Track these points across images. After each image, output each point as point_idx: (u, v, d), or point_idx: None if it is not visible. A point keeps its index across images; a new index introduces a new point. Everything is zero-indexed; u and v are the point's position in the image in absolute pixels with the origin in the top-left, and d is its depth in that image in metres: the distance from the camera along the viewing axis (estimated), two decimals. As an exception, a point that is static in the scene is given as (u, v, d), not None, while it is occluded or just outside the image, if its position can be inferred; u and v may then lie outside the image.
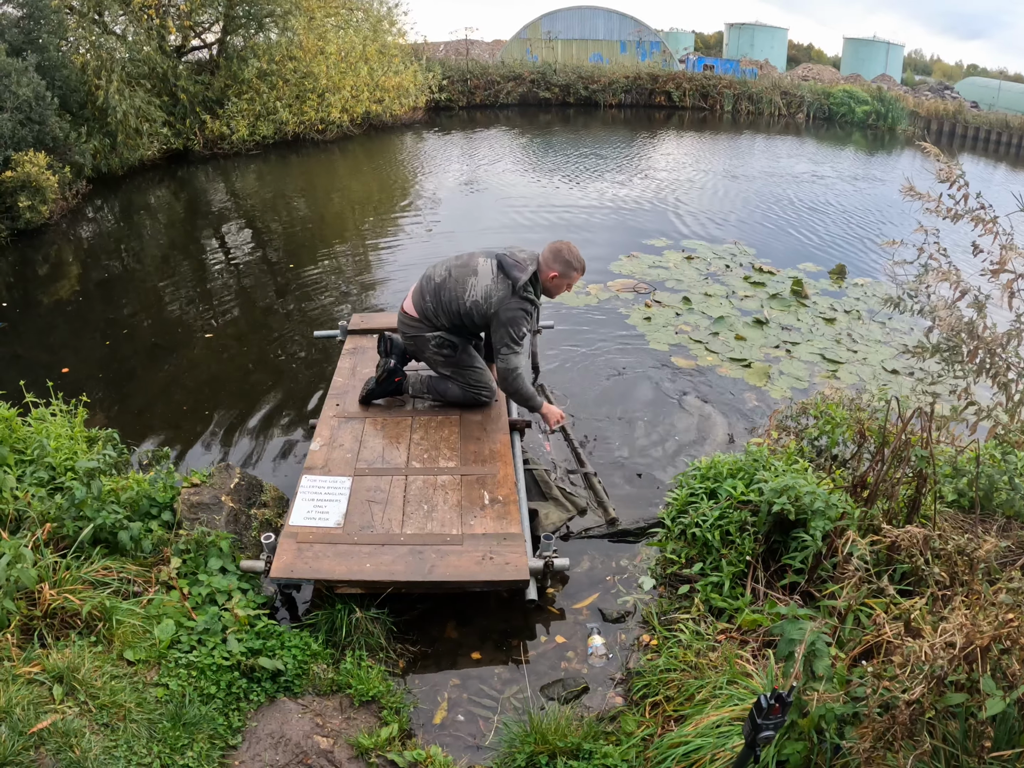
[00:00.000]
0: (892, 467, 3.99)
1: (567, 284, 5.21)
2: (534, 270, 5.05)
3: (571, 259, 5.11)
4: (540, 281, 5.14)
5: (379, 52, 20.48)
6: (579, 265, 5.16)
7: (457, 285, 5.09)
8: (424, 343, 5.31)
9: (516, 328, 4.99)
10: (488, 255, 5.16)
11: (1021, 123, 25.33)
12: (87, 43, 14.48)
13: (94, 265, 10.54)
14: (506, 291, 5.00)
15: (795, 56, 43.89)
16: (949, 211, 3.76)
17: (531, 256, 5.13)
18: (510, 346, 5.02)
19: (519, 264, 5.03)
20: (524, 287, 4.99)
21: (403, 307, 5.39)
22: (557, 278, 5.13)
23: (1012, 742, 2.56)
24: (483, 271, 5.08)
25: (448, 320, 5.19)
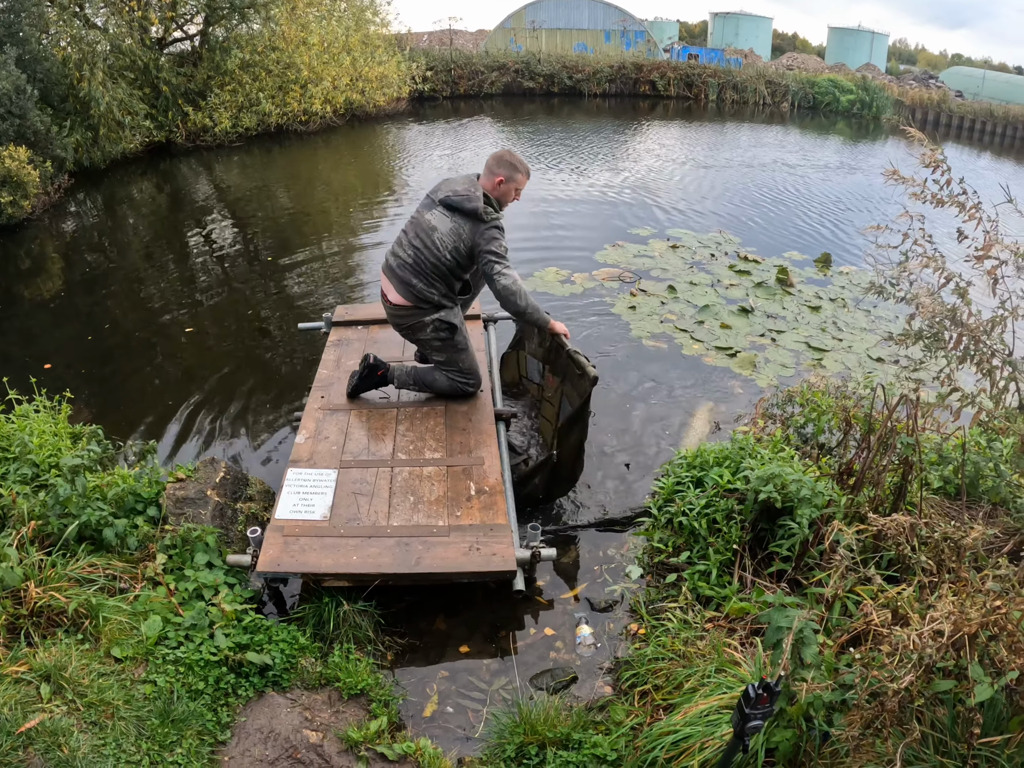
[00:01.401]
0: (878, 454, 3.99)
1: (515, 189, 5.15)
2: (482, 192, 5.02)
3: (514, 162, 5.09)
4: (491, 194, 5.08)
5: (362, 42, 20.37)
6: (523, 168, 5.13)
7: (429, 252, 5.05)
8: (421, 328, 5.25)
9: (498, 243, 4.97)
10: (430, 207, 5.14)
11: (1005, 112, 25.43)
12: (68, 36, 14.34)
13: (76, 259, 10.47)
14: (472, 223, 4.97)
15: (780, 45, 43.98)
16: (934, 196, 3.76)
17: (468, 181, 5.11)
18: (499, 263, 4.96)
19: (466, 196, 4.99)
20: (485, 211, 4.96)
21: (389, 301, 5.30)
22: (504, 183, 5.07)
23: (1000, 728, 2.57)
24: (439, 223, 5.05)
25: (444, 284, 5.15)
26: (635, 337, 7.90)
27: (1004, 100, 27.72)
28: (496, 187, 5.07)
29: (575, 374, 5.05)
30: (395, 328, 5.48)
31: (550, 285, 9.10)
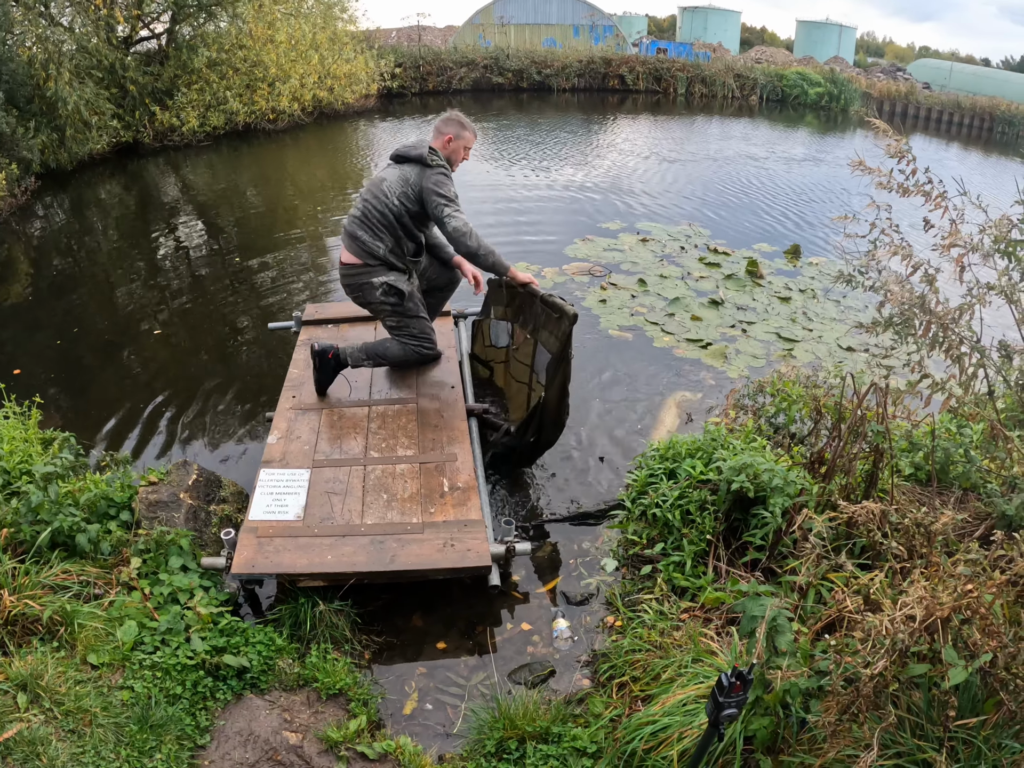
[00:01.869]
0: (849, 443, 4.03)
1: (463, 147, 5.29)
2: (429, 144, 5.15)
3: (462, 120, 5.25)
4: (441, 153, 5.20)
5: (330, 40, 20.26)
6: (471, 127, 5.30)
7: (377, 201, 5.15)
8: (371, 291, 5.32)
9: (444, 188, 5.04)
10: (382, 169, 5.33)
11: (972, 103, 25.67)
12: (34, 35, 14.16)
13: (44, 263, 10.36)
14: (419, 169, 5.10)
15: (748, 39, 44.15)
16: (900, 186, 3.79)
17: (418, 141, 5.25)
18: (448, 206, 5.03)
19: (412, 147, 5.18)
20: (431, 157, 5.08)
21: (341, 262, 5.42)
22: (453, 140, 5.23)
23: (976, 710, 2.60)
24: (388, 174, 5.20)
25: (391, 235, 5.23)
26: (605, 330, 7.91)
27: (971, 92, 27.98)
28: (445, 145, 5.24)
29: (552, 318, 5.03)
30: (347, 292, 5.52)
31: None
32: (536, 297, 5.22)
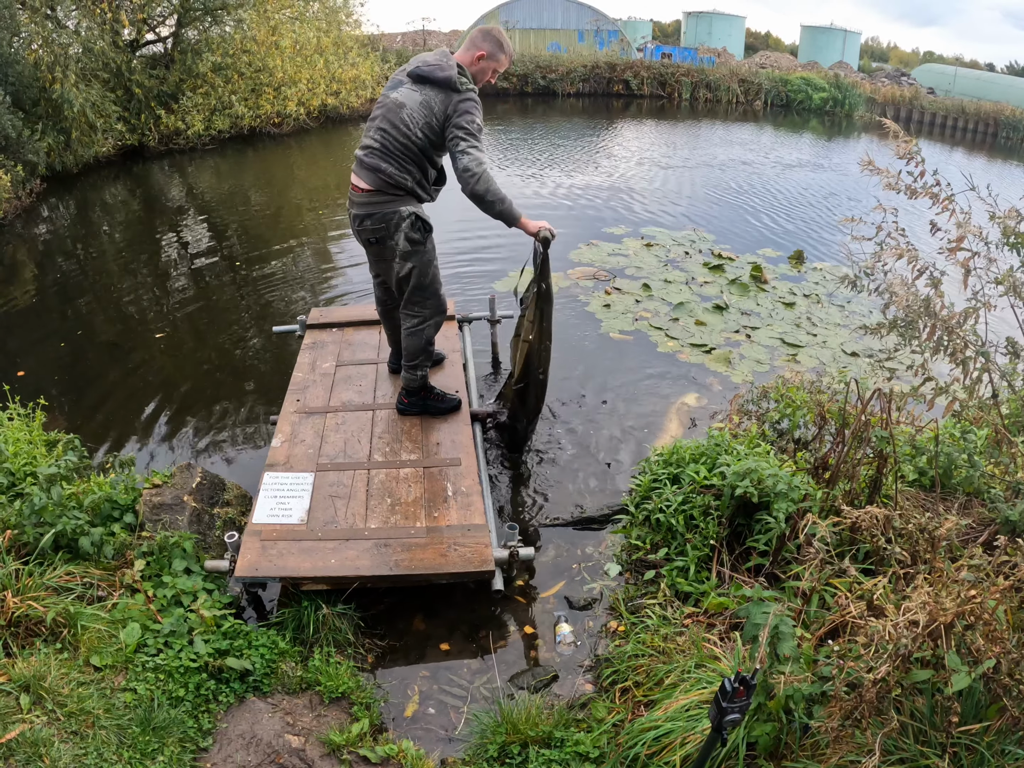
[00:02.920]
0: (853, 448, 4.02)
1: (493, 69, 4.71)
2: (456, 63, 4.53)
3: (502, 39, 4.67)
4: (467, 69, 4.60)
5: (335, 44, 20.32)
6: (509, 49, 4.73)
7: (398, 131, 4.55)
8: (396, 223, 4.70)
9: (469, 120, 4.44)
10: (397, 86, 4.66)
11: (976, 108, 25.65)
12: (40, 38, 14.21)
13: (49, 265, 10.38)
14: (445, 94, 4.47)
15: (753, 44, 44.14)
16: (908, 187, 3.79)
17: (440, 53, 4.63)
18: (467, 140, 4.43)
19: (437, 66, 4.50)
20: (459, 80, 4.47)
21: (358, 189, 4.76)
22: (485, 59, 4.63)
23: (979, 716, 2.60)
24: (407, 98, 4.55)
25: (418, 168, 4.67)
26: (609, 335, 7.91)
27: (975, 97, 27.95)
28: (475, 62, 4.64)
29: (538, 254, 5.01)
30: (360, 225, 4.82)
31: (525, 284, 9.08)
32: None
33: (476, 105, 4.50)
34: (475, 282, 9.14)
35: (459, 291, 8.75)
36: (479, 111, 4.51)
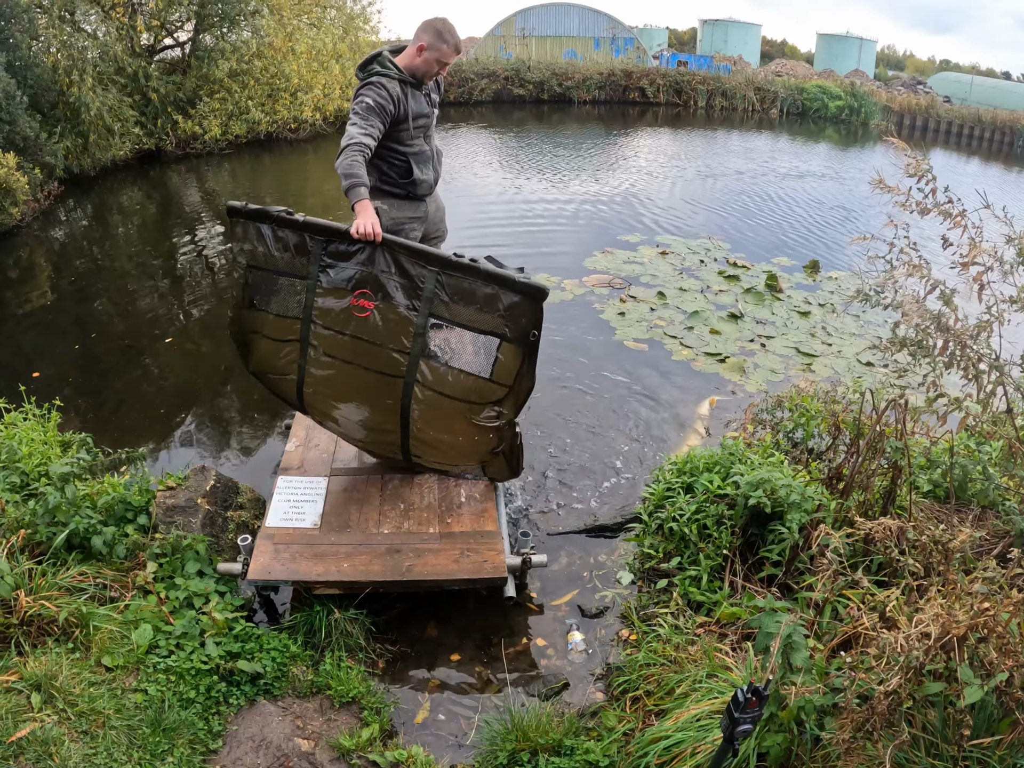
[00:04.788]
0: (867, 459, 4.01)
1: (437, 60, 4.54)
2: (375, 54, 4.57)
3: (442, 29, 4.51)
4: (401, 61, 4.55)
5: (351, 50, 20.38)
6: (451, 37, 4.55)
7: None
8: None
9: (358, 100, 4.42)
10: None
11: (993, 117, 25.54)
12: (58, 42, 14.31)
13: (66, 267, 10.44)
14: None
15: (768, 52, 44.05)
16: (919, 204, 3.78)
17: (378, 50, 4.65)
18: (351, 117, 4.40)
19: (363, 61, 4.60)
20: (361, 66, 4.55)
21: None
22: (425, 51, 4.50)
23: (991, 730, 2.58)
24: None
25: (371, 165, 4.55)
26: (623, 343, 7.91)
27: (992, 105, 27.85)
28: (417, 54, 4.54)
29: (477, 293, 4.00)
30: None
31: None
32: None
33: (371, 86, 4.41)
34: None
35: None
36: (372, 90, 4.40)
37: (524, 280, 3.89)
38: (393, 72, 4.50)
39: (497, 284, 3.91)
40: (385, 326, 4.09)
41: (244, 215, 4.28)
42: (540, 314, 3.93)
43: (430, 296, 4.01)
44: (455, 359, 4.16)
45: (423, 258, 4.00)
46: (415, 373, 4.12)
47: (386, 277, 4.05)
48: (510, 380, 4.07)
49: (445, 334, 4.23)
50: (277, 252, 4.23)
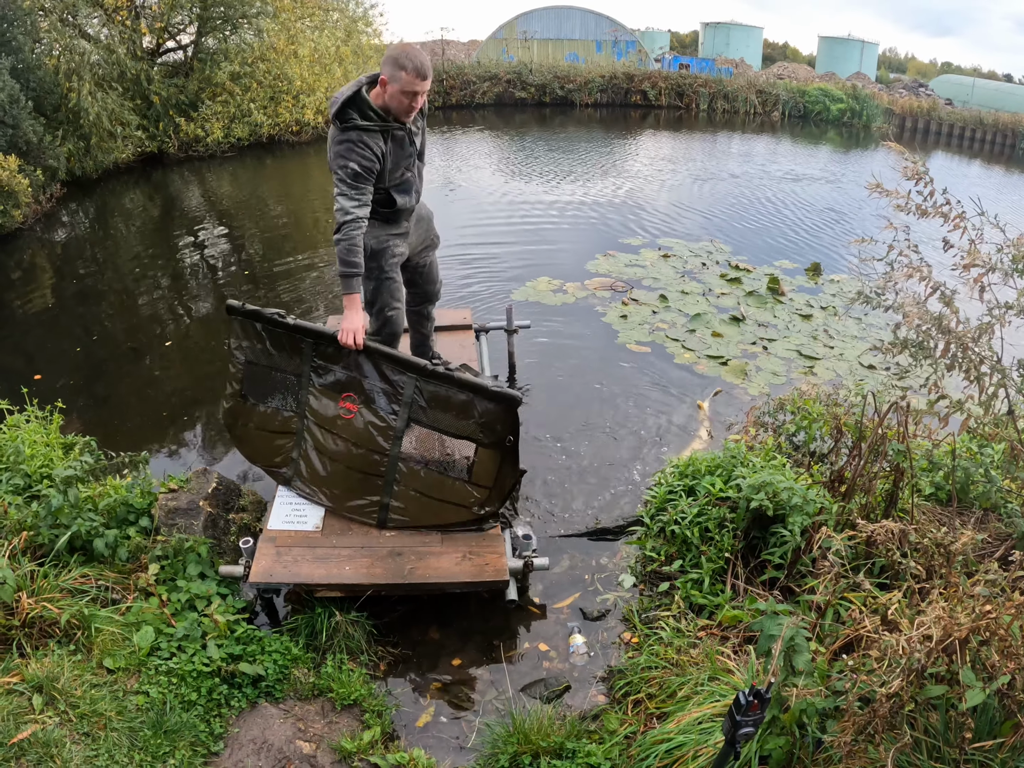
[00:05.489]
0: (869, 462, 4.01)
1: (403, 93, 4.11)
2: (350, 93, 4.15)
3: (396, 55, 4.07)
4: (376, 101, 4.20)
5: (354, 53, 20.40)
6: (408, 62, 4.04)
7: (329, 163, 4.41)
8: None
9: (342, 161, 4.16)
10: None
11: (995, 120, 25.52)
12: (60, 45, 14.35)
13: (68, 270, 10.46)
14: (333, 127, 4.24)
15: (770, 55, 44.04)
16: (918, 207, 3.78)
17: (355, 82, 4.26)
18: (338, 185, 4.20)
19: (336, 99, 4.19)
20: (338, 113, 4.14)
21: None
22: (387, 84, 4.11)
23: (993, 732, 2.58)
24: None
25: None
26: (626, 346, 7.91)
27: (994, 108, 27.81)
28: (383, 91, 4.16)
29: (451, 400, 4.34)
30: None
31: (542, 295, 9.11)
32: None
33: (352, 146, 4.16)
34: (491, 292, 9.15)
35: (475, 301, 8.78)
36: (356, 152, 4.16)
37: (497, 388, 4.21)
38: (373, 123, 4.19)
39: (472, 392, 4.26)
40: (367, 428, 4.46)
41: (241, 314, 4.49)
42: (515, 420, 4.23)
43: (409, 402, 4.38)
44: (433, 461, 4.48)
45: (403, 365, 4.36)
46: (394, 473, 4.44)
47: (369, 382, 4.44)
48: (490, 481, 4.37)
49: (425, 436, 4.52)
50: (274, 350, 4.52)
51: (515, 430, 4.25)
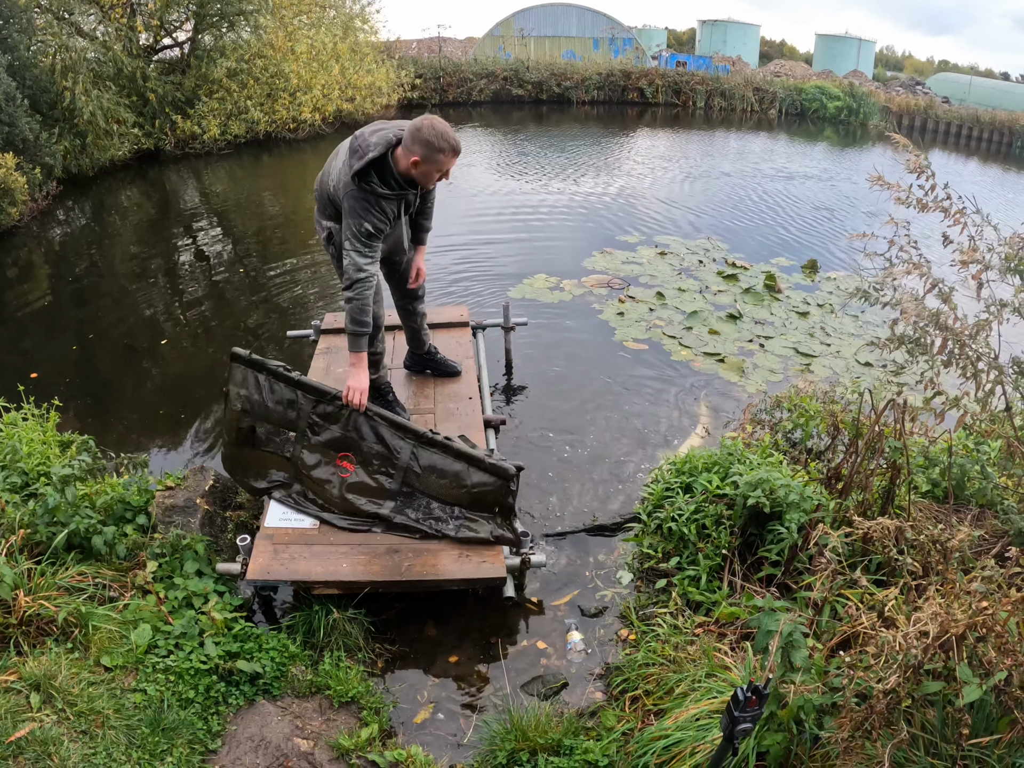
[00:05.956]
0: (866, 459, 4.01)
1: (436, 170, 4.29)
2: (377, 155, 4.20)
3: (432, 138, 4.15)
4: (399, 167, 4.30)
5: (351, 50, 20.38)
6: (445, 144, 4.19)
7: (328, 168, 4.56)
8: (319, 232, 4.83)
9: (357, 221, 4.27)
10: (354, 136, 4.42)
11: (991, 118, 25.52)
12: (56, 43, 14.32)
13: (64, 267, 10.44)
14: (348, 177, 4.27)
15: (767, 52, 44.00)
16: (919, 201, 3.78)
17: (384, 140, 4.26)
18: (352, 241, 4.32)
19: (362, 148, 4.23)
20: (359, 173, 4.22)
21: None
22: (420, 164, 4.22)
23: (990, 729, 2.58)
24: (341, 151, 4.45)
25: (332, 207, 4.60)
26: (623, 343, 7.91)
27: (990, 106, 27.82)
28: (412, 168, 4.28)
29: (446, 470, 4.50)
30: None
31: (539, 292, 9.11)
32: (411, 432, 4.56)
33: (369, 207, 4.29)
34: (488, 289, 9.15)
35: (472, 299, 8.79)
36: (373, 214, 4.30)
37: (492, 462, 4.38)
38: (393, 191, 4.35)
39: (467, 463, 4.42)
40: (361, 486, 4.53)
41: (245, 363, 4.56)
42: (506, 492, 4.36)
43: (404, 466, 4.51)
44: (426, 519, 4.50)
45: (401, 430, 4.52)
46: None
47: (367, 444, 4.55)
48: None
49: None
50: (271, 404, 4.57)
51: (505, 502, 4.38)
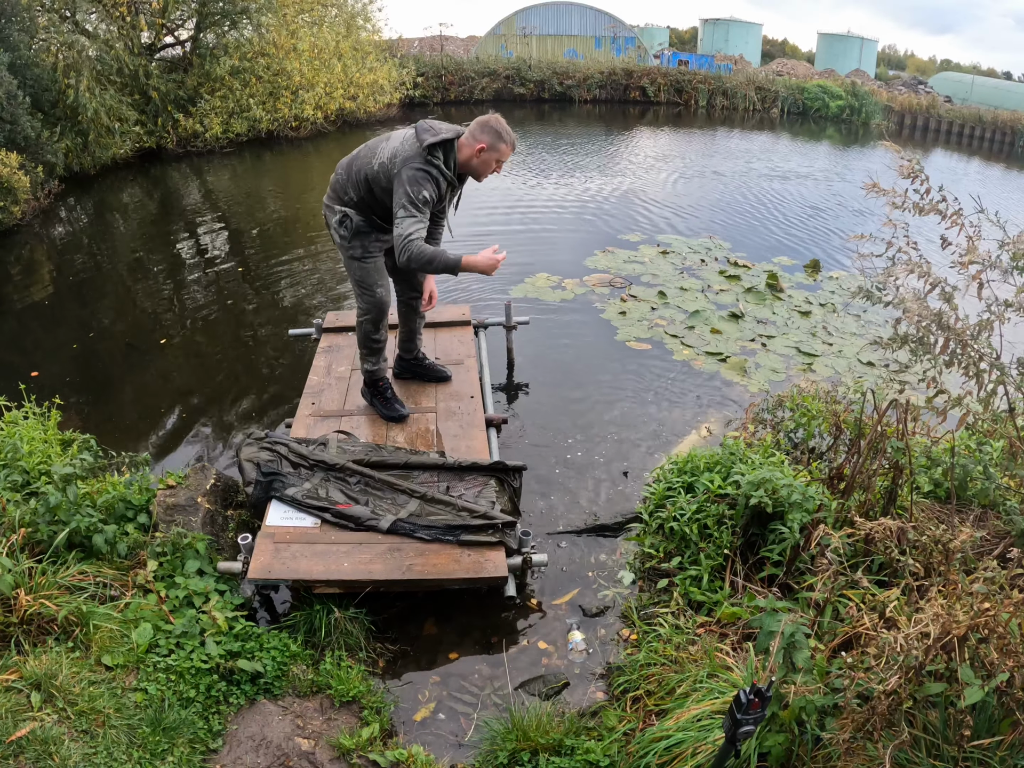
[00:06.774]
0: (868, 459, 4.01)
1: (495, 159, 4.71)
2: (449, 138, 4.62)
3: (499, 129, 4.63)
4: (461, 156, 4.70)
5: (353, 49, 20.38)
6: (508, 137, 4.67)
7: (369, 152, 4.82)
8: (331, 217, 5.01)
9: (415, 188, 4.52)
10: (410, 126, 4.81)
11: (994, 117, 25.49)
12: (58, 41, 14.32)
13: (66, 266, 10.44)
14: (413, 150, 4.57)
15: (769, 51, 44.01)
16: (915, 205, 3.78)
17: (453, 129, 4.71)
18: (407, 208, 4.53)
19: (432, 129, 4.63)
20: (431, 148, 4.56)
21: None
22: (485, 151, 4.63)
23: (992, 730, 2.58)
24: (396, 136, 4.77)
25: (356, 192, 4.85)
26: (624, 342, 7.90)
27: (993, 105, 27.80)
28: (476, 155, 4.68)
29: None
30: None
31: (541, 291, 9.11)
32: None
33: (429, 178, 4.59)
34: (490, 287, 9.14)
35: (475, 297, 8.78)
36: (431, 185, 4.60)
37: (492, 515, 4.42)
38: (450, 173, 4.70)
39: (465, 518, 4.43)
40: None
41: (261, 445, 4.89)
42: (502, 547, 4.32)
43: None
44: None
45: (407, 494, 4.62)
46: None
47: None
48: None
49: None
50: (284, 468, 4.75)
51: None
